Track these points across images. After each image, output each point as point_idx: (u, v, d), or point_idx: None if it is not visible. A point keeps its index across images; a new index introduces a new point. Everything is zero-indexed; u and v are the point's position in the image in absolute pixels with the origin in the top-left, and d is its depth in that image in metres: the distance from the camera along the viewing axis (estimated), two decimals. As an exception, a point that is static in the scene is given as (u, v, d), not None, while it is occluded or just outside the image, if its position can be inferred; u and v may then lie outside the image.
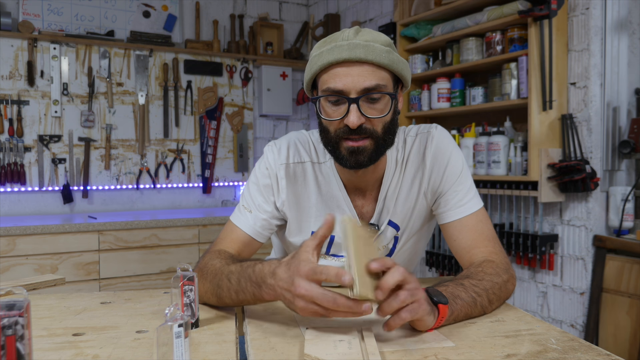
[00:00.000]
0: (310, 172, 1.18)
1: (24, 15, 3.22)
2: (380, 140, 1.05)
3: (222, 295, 0.99)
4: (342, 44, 1.01)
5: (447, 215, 1.16)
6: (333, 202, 1.18)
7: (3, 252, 2.67)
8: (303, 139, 1.21)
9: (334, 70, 1.02)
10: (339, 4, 3.87)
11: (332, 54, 1.01)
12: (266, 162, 1.19)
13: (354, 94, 1.01)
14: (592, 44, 2.22)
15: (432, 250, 2.92)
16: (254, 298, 0.92)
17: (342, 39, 1.02)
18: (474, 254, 1.11)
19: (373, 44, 1.01)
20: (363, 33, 1.04)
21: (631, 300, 2.12)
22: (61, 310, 1.05)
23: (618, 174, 2.31)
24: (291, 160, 1.18)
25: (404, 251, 1.25)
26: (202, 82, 3.73)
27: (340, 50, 1.00)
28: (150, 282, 3.02)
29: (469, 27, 2.56)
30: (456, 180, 1.16)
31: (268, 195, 1.18)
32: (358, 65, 1.00)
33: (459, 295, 0.93)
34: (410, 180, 1.18)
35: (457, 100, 2.69)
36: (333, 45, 1.02)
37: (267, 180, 1.18)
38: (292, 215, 1.19)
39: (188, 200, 3.73)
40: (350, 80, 1.00)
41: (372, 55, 1.00)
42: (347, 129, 1.02)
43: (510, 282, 1.06)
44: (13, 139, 3.17)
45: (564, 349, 0.81)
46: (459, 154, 1.18)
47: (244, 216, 1.18)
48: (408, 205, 1.18)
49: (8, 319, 0.59)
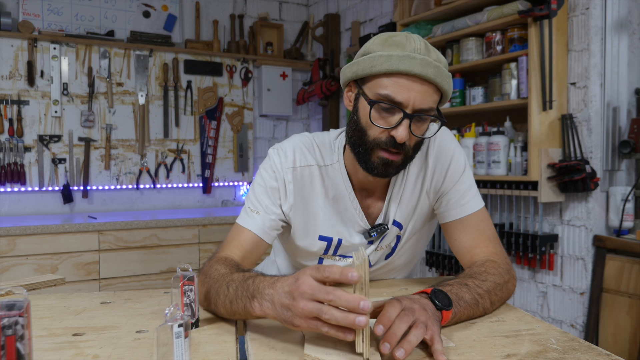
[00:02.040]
0: (317, 176, 1.17)
1: (24, 15, 3.22)
2: (409, 156, 1.06)
3: (218, 303, 0.94)
4: (416, 56, 0.98)
5: (449, 215, 1.17)
6: (340, 204, 1.18)
7: (3, 252, 2.67)
8: (307, 143, 1.19)
9: (399, 80, 0.98)
10: (339, 4, 3.87)
11: (404, 63, 0.97)
12: (272, 164, 1.17)
13: (410, 110, 0.99)
14: (592, 44, 2.22)
15: (432, 250, 2.92)
16: (244, 311, 0.86)
17: (415, 50, 0.99)
18: (475, 254, 1.11)
19: (441, 67, 1.00)
20: (430, 50, 1.01)
21: (631, 300, 2.12)
22: (61, 310, 1.05)
23: (618, 174, 2.31)
24: (298, 164, 1.16)
25: (405, 250, 1.25)
26: (202, 82, 3.73)
27: (413, 64, 0.97)
28: (150, 282, 3.02)
29: (469, 27, 2.56)
30: (458, 179, 1.16)
31: (275, 198, 1.16)
32: (422, 83, 0.99)
33: (462, 297, 0.93)
34: (413, 180, 1.18)
35: (457, 100, 2.69)
36: (406, 55, 0.98)
37: (274, 182, 1.16)
38: (299, 219, 1.18)
39: (188, 200, 3.73)
40: (413, 97, 0.98)
41: (439, 79, 0.99)
42: (391, 141, 1.01)
43: (511, 282, 1.06)
44: (13, 139, 3.17)
45: (564, 349, 0.81)
46: (461, 153, 1.19)
47: (251, 218, 1.15)
48: (411, 204, 1.18)
49: (8, 319, 0.59)
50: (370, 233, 1.17)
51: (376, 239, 1.20)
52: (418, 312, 0.80)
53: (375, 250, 1.22)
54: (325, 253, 1.22)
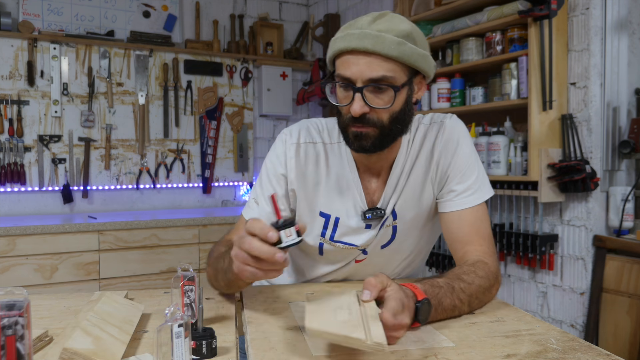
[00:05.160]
0: (322, 153, 1.20)
1: (24, 15, 3.22)
2: (386, 129, 1.06)
3: (218, 278, 1.04)
4: (354, 32, 1.02)
5: (448, 205, 1.16)
6: (343, 182, 1.19)
7: (3, 252, 2.67)
8: (315, 123, 1.24)
9: (345, 58, 1.04)
10: (339, 4, 3.87)
11: (343, 42, 1.03)
12: (277, 151, 1.21)
13: (359, 83, 1.02)
14: (592, 44, 2.22)
15: (432, 250, 2.92)
16: (235, 277, 0.94)
17: (357, 26, 1.03)
18: (468, 251, 1.12)
19: (384, 35, 1.00)
20: (381, 21, 1.03)
21: (631, 300, 2.12)
22: (61, 310, 1.05)
23: (618, 174, 2.31)
24: (302, 140, 1.20)
25: (405, 246, 1.24)
26: (202, 82, 3.73)
27: (351, 39, 1.02)
28: (150, 282, 3.02)
29: (469, 27, 2.56)
30: (463, 170, 1.15)
31: (277, 185, 1.19)
32: (366, 55, 1.01)
33: (442, 302, 0.93)
34: (420, 170, 1.18)
35: (457, 100, 2.69)
36: (347, 33, 1.03)
37: (280, 168, 1.19)
38: (301, 194, 1.20)
39: (188, 200, 3.73)
40: (357, 70, 1.01)
41: (380, 47, 1.00)
42: (352, 116, 1.04)
43: (495, 287, 1.07)
44: (13, 139, 3.17)
45: (564, 349, 0.81)
46: (469, 144, 1.18)
47: (252, 209, 1.21)
48: (415, 193, 1.18)
49: (8, 319, 0.59)
50: (365, 214, 1.17)
51: (372, 222, 1.18)
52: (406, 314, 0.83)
53: (375, 237, 1.20)
54: (323, 233, 1.21)
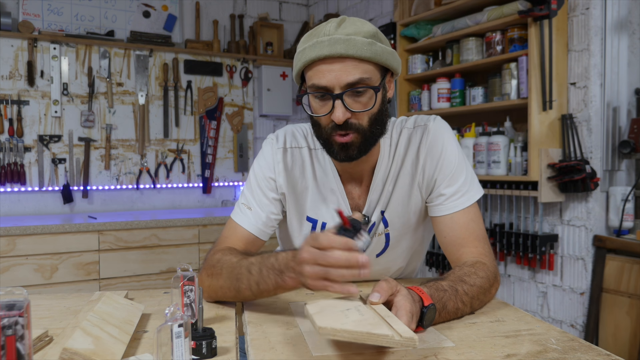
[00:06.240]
0: (307, 158, 1.20)
1: (24, 15, 3.22)
2: (368, 132, 1.05)
3: (241, 289, 1.00)
4: (324, 39, 1.00)
5: (438, 209, 1.15)
6: (327, 189, 1.18)
7: (3, 252, 2.67)
8: (300, 128, 1.23)
9: (317, 67, 1.02)
10: (339, 4, 3.87)
11: (313, 51, 1.01)
12: (264, 155, 1.21)
13: (337, 90, 1.01)
14: (592, 44, 2.22)
15: (432, 250, 2.92)
16: (276, 286, 0.94)
17: (324, 33, 1.02)
18: (464, 253, 1.11)
19: (354, 38, 1.00)
20: (346, 25, 1.02)
21: (631, 300, 2.12)
22: (61, 310, 1.06)
23: (618, 174, 2.31)
24: (288, 145, 1.20)
25: (400, 251, 1.24)
26: (202, 82, 3.73)
27: (322, 47, 1.00)
28: (150, 282, 3.02)
29: (469, 27, 2.56)
30: (450, 173, 1.14)
31: (267, 189, 1.19)
32: (340, 60, 1.00)
33: (446, 306, 0.93)
34: (406, 175, 1.16)
35: (457, 100, 2.69)
36: (315, 41, 1.01)
37: (265, 172, 1.19)
38: (290, 199, 1.20)
39: (188, 200, 3.73)
40: (334, 76, 1.00)
41: (353, 50, 0.99)
42: (335, 125, 1.03)
43: (494, 287, 1.07)
44: (13, 139, 3.17)
45: (564, 349, 0.81)
46: (454, 146, 1.16)
47: (245, 215, 1.18)
48: (403, 199, 1.17)
49: (8, 319, 0.59)
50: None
51: None
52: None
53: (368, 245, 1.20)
54: None
